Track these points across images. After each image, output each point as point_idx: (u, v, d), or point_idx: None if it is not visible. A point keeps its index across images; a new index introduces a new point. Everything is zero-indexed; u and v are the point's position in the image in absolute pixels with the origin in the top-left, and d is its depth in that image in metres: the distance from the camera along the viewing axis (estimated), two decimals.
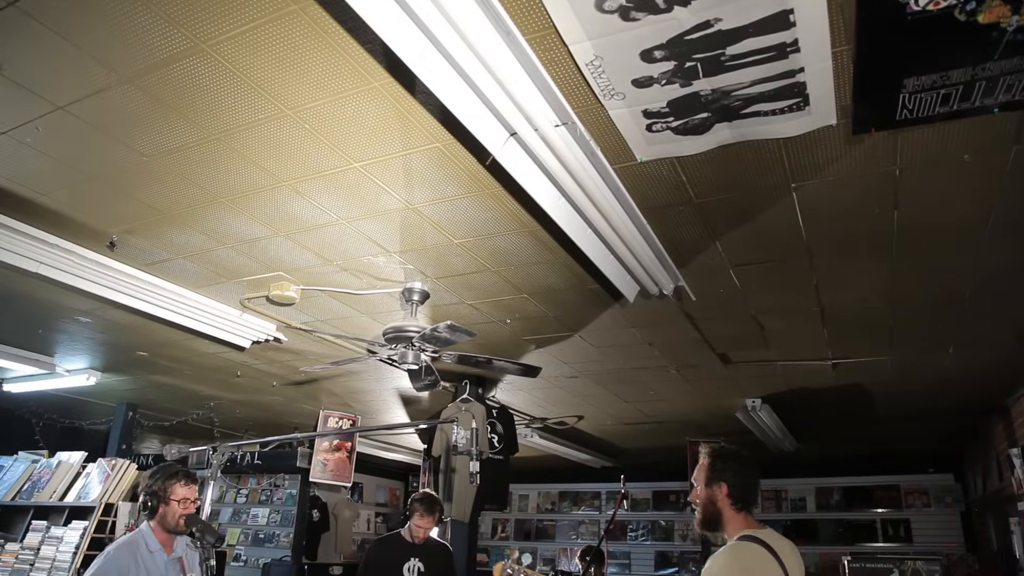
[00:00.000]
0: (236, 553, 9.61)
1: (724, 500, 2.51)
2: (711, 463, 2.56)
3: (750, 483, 2.53)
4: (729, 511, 2.51)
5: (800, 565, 2.49)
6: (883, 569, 5.29)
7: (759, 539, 2.42)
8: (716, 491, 2.52)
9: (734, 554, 2.40)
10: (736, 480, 2.50)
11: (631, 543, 10.27)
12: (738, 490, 2.50)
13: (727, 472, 2.52)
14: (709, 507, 2.54)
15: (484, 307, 4.20)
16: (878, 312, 4.12)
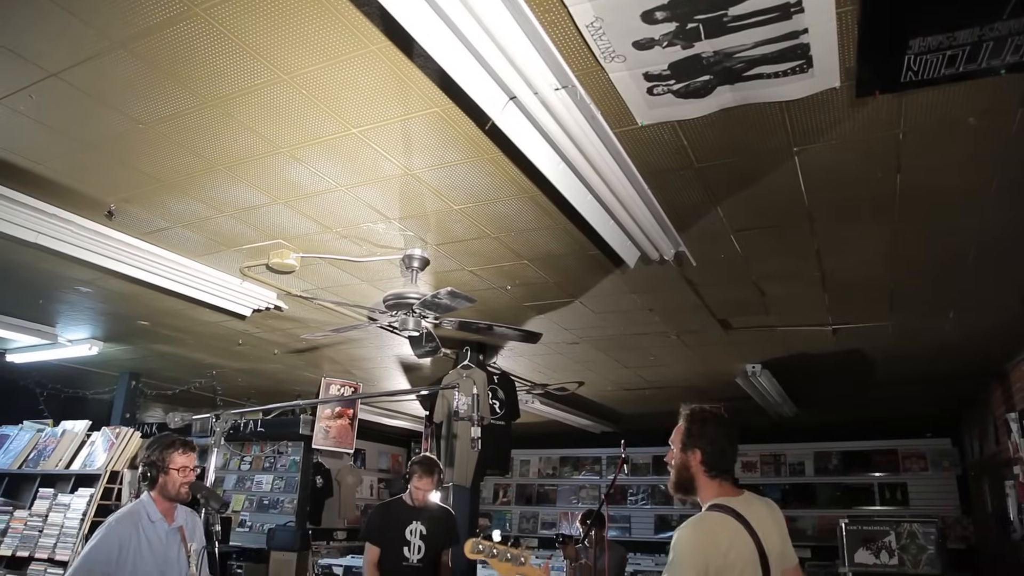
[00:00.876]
0: (241, 519, 9.75)
1: (698, 466, 2.46)
2: (687, 427, 2.51)
3: (727, 450, 2.47)
4: (703, 477, 2.46)
5: (779, 528, 2.47)
6: (880, 531, 5.37)
7: (730, 508, 2.39)
8: (691, 456, 2.48)
9: (700, 525, 2.37)
10: (711, 447, 2.45)
11: (631, 507, 10.40)
12: (712, 457, 2.45)
13: (703, 438, 2.47)
14: (683, 472, 2.50)
15: (484, 273, 4.20)
16: (879, 277, 4.12)
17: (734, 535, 2.34)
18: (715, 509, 2.40)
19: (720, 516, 2.38)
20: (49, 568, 4.35)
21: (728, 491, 2.46)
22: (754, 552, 2.35)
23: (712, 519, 2.38)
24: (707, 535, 2.33)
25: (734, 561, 2.30)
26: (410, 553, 4.59)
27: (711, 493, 2.46)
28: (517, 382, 6.48)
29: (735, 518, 2.36)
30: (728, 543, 2.31)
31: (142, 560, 3.06)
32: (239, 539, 9.06)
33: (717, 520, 2.37)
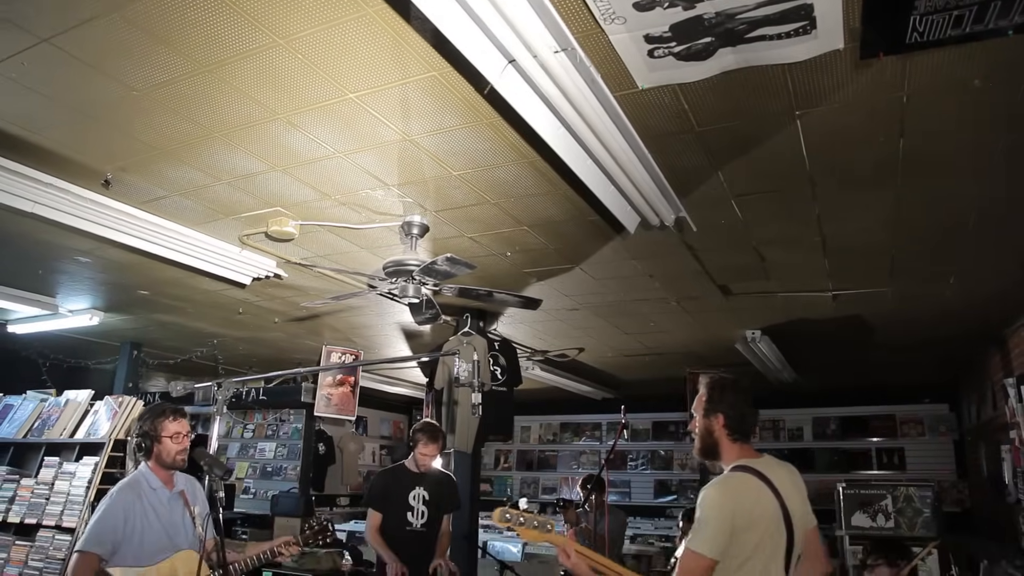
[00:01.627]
0: (245, 486, 9.86)
1: (721, 430, 2.58)
2: (709, 394, 2.63)
3: (746, 413, 2.59)
4: (726, 441, 2.58)
5: (799, 490, 2.56)
6: (877, 495, 5.42)
7: (753, 468, 2.49)
8: (713, 421, 2.59)
9: (726, 485, 2.46)
10: (732, 411, 2.57)
11: (631, 472, 10.52)
12: (734, 421, 2.57)
13: (723, 403, 2.59)
14: (707, 437, 2.61)
15: (484, 240, 4.18)
16: (880, 242, 4.11)
17: (758, 494, 2.43)
18: (738, 470, 2.50)
19: (744, 475, 2.47)
20: (57, 535, 4.40)
21: (749, 454, 2.58)
22: (778, 510, 2.44)
23: (736, 478, 2.48)
24: (732, 493, 2.41)
25: (759, 518, 2.39)
26: (413, 518, 4.65)
27: (733, 456, 2.57)
28: (518, 349, 6.50)
29: (758, 477, 2.46)
30: (753, 501, 2.40)
31: (149, 526, 3.11)
32: (243, 506, 9.18)
33: (741, 479, 2.47)
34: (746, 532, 2.37)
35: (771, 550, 2.42)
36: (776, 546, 2.43)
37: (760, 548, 2.39)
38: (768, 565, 2.41)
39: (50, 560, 4.32)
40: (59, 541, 4.36)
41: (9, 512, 4.63)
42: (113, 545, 3.01)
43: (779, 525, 2.44)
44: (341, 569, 5.45)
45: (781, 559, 2.45)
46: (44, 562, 4.33)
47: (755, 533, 2.38)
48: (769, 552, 2.41)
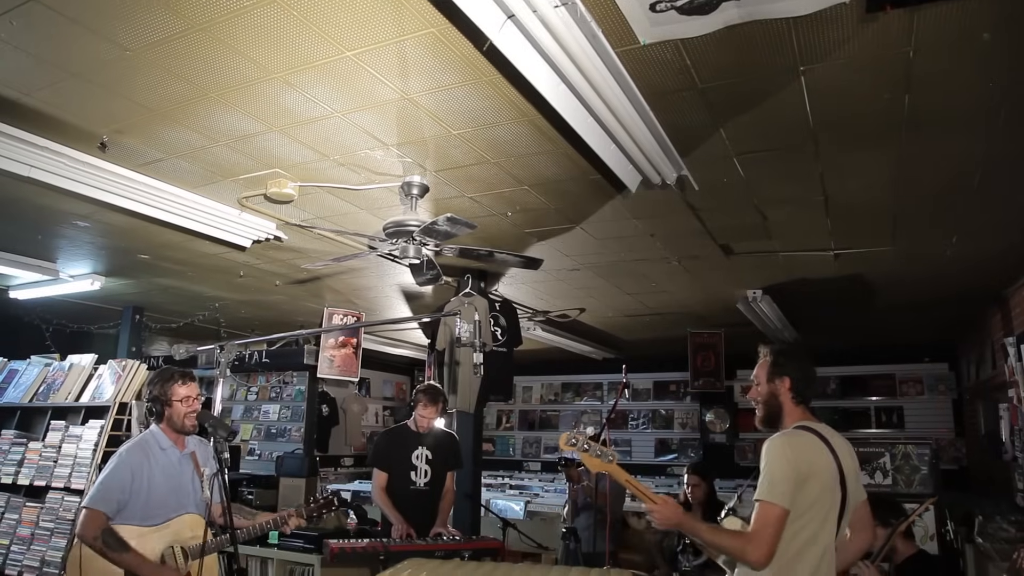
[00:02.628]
0: (250, 448, 9.97)
1: (786, 393, 2.63)
2: (774, 359, 2.68)
3: (811, 376, 2.67)
4: (789, 404, 2.63)
5: (854, 460, 2.62)
6: (875, 453, 5.47)
7: (813, 429, 2.55)
8: (779, 385, 2.64)
9: (790, 437, 2.52)
10: (798, 374, 2.63)
11: (632, 431, 10.62)
12: (800, 383, 2.63)
13: (789, 367, 2.64)
14: (771, 401, 2.66)
15: (484, 200, 4.16)
16: (882, 201, 4.08)
17: (817, 449, 2.50)
18: (800, 428, 2.56)
19: (805, 433, 2.54)
20: (66, 496, 4.46)
21: (810, 418, 2.63)
22: (836, 472, 2.50)
23: (798, 434, 2.54)
24: (795, 445, 2.48)
25: (818, 472, 2.45)
26: (417, 477, 4.72)
27: (795, 419, 2.62)
28: (519, 309, 6.51)
29: (819, 438, 2.52)
30: (814, 455, 2.47)
31: (155, 486, 3.15)
32: (249, 467, 9.28)
33: (803, 435, 2.53)
34: (807, 485, 2.42)
35: (827, 508, 2.47)
36: (832, 505, 2.49)
37: (819, 503, 2.45)
38: (823, 522, 2.46)
39: (60, 521, 4.38)
40: (68, 502, 4.42)
41: (18, 475, 4.69)
42: (119, 503, 3.06)
43: (836, 485, 2.50)
44: (346, 528, 5.53)
45: (835, 519, 2.51)
46: (55, 523, 4.40)
47: (815, 488, 2.44)
48: (826, 509, 2.47)
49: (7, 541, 4.55)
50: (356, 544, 4.24)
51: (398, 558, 3.08)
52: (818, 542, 2.45)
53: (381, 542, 4.24)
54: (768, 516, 2.38)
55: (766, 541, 2.35)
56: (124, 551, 2.98)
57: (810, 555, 2.43)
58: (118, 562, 2.98)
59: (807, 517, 2.43)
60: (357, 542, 4.30)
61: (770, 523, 2.37)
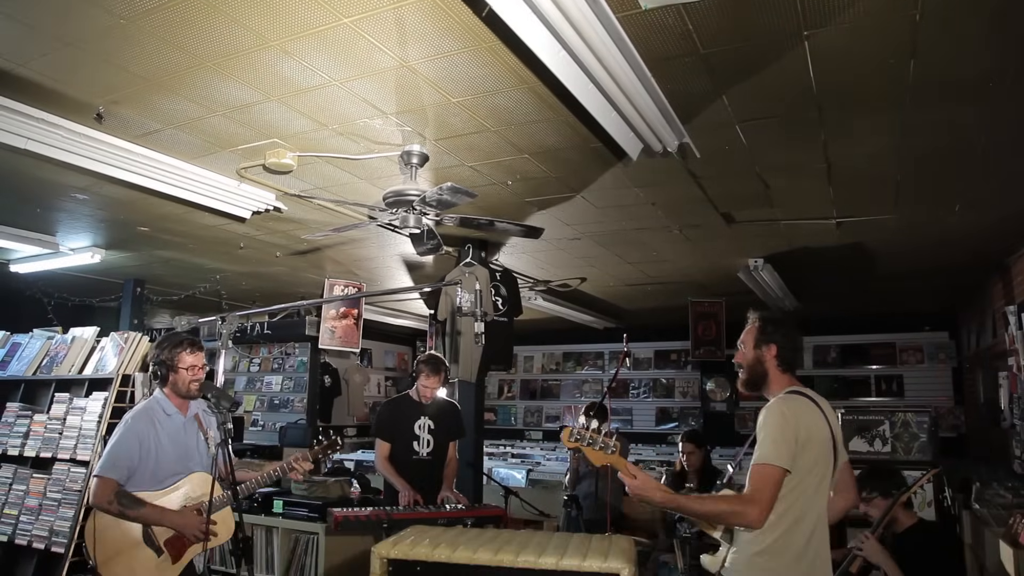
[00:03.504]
0: (254, 418, 10.04)
1: (772, 361, 2.66)
2: (761, 326, 2.70)
3: (798, 345, 2.71)
4: (775, 371, 2.66)
5: (838, 424, 2.65)
6: (875, 421, 5.50)
7: (806, 393, 2.59)
8: (765, 352, 2.67)
9: (788, 401, 2.54)
10: (785, 342, 2.65)
11: (633, 400, 10.68)
12: (786, 351, 2.66)
13: (777, 334, 2.66)
14: (756, 367, 2.68)
15: (484, 169, 4.13)
16: (885, 169, 4.05)
17: (812, 414, 2.53)
18: (793, 393, 2.59)
19: (800, 398, 2.57)
20: (72, 467, 4.50)
21: (797, 383, 2.66)
22: (828, 434, 2.54)
23: (795, 399, 2.56)
24: (794, 409, 2.50)
25: (814, 436, 2.48)
26: (419, 447, 4.75)
27: (781, 386, 2.65)
28: (519, 279, 6.51)
29: (813, 403, 2.56)
30: (810, 420, 2.50)
31: (162, 451, 3.18)
32: (252, 438, 9.36)
33: (799, 400, 2.56)
34: (805, 450, 2.44)
35: (823, 472, 2.51)
36: (826, 470, 2.53)
37: (816, 468, 2.48)
38: (819, 487, 2.50)
39: (67, 492, 4.43)
40: (75, 473, 4.46)
41: (25, 446, 4.73)
42: (129, 470, 3.10)
43: (829, 450, 2.54)
44: (350, 496, 5.58)
45: (828, 485, 2.55)
46: (62, 493, 4.44)
47: (813, 451, 2.46)
48: (821, 474, 2.50)
49: (16, 512, 4.60)
50: (360, 512, 4.28)
51: (401, 526, 3.11)
52: (815, 506, 2.48)
53: (384, 510, 4.29)
54: (769, 477, 2.39)
55: (767, 500, 2.36)
56: (141, 507, 3.04)
57: (808, 519, 2.46)
58: (137, 517, 3.03)
59: (806, 482, 2.45)
60: (361, 510, 4.35)
61: (770, 484, 2.38)
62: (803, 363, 2.87)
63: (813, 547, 2.46)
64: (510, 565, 2.50)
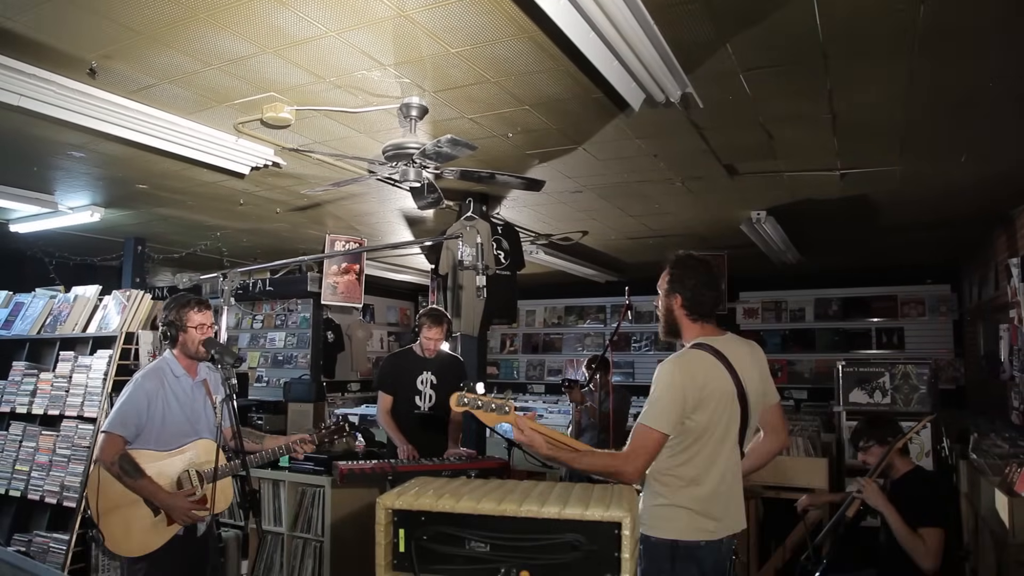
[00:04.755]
0: (258, 375, 10.13)
1: (680, 310, 2.64)
2: (670, 274, 2.67)
3: (705, 295, 2.62)
4: (685, 320, 2.64)
5: (759, 367, 2.63)
6: (875, 373, 5.54)
7: (709, 346, 2.54)
8: (672, 301, 2.65)
9: (678, 361, 2.52)
10: (689, 292, 2.60)
11: (635, 353, 10.75)
12: (690, 302, 2.61)
13: (680, 284, 2.63)
14: (668, 315, 2.68)
15: (485, 121, 4.08)
16: (891, 119, 3.99)
17: (711, 370, 2.50)
18: (696, 347, 2.56)
19: (699, 353, 2.54)
20: (80, 424, 4.56)
21: (710, 332, 2.63)
22: (731, 386, 2.51)
23: (691, 355, 2.54)
24: (685, 370, 2.48)
25: (711, 394, 2.46)
26: (421, 401, 4.79)
27: (693, 334, 2.63)
28: (521, 233, 6.49)
29: (714, 355, 2.52)
30: (704, 377, 2.47)
31: (170, 412, 3.21)
32: (257, 394, 9.46)
33: (696, 356, 2.53)
34: (697, 412, 2.45)
35: (722, 432, 2.51)
36: (730, 423, 2.52)
37: (710, 430, 2.48)
38: (717, 448, 2.50)
39: (76, 448, 4.49)
40: (83, 430, 4.52)
41: (32, 404, 4.78)
42: (136, 428, 3.13)
43: (732, 403, 2.52)
44: (355, 450, 5.66)
45: (733, 438, 2.54)
46: (71, 449, 4.51)
47: (705, 413, 2.46)
48: (719, 434, 2.50)
49: (27, 468, 4.68)
50: (364, 466, 4.34)
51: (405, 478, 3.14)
52: (717, 462, 2.50)
53: (389, 463, 4.35)
54: (646, 439, 2.43)
55: (642, 460, 2.43)
56: (140, 477, 3.06)
57: (710, 476, 2.49)
58: (134, 488, 3.07)
59: (703, 441, 2.47)
60: (365, 464, 4.41)
61: (647, 445, 2.43)
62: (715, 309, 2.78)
63: (722, 496, 2.50)
64: (513, 514, 2.53)
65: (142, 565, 3.10)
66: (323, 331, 9.62)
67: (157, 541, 3.12)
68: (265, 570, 5.48)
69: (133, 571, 3.12)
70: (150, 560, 3.10)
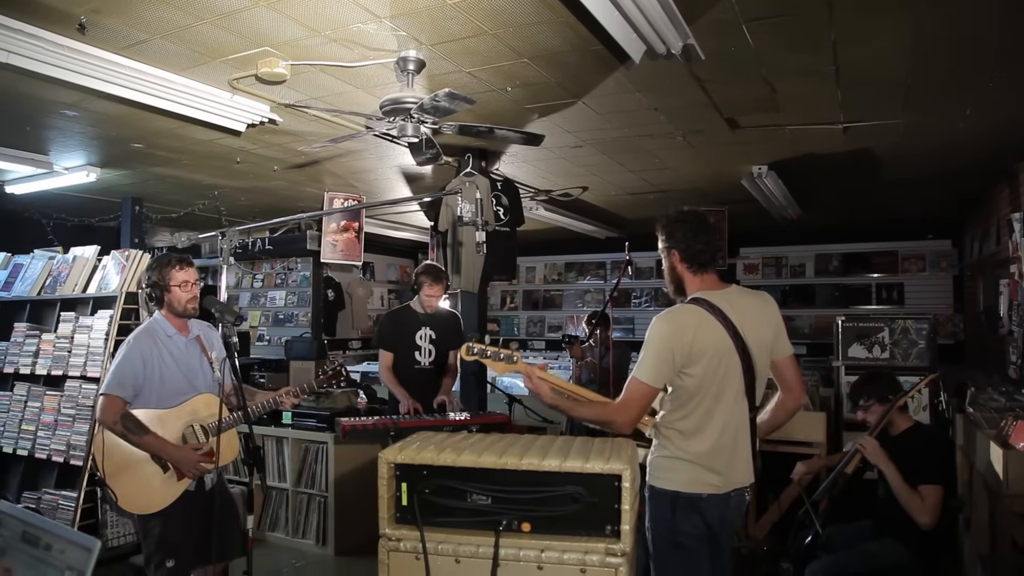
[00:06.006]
0: (259, 333, 10.17)
1: (680, 264, 2.65)
2: (663, 231, 2.68)
3: (701, 244, 2.62)
4: (688, 275, 2.65)
5: (768, 320, 2.62)
6: (874, 328, 5.55)
7: (704, 300, 2.55)
8: (672, 257, 2.67)
9: (668, 317, 2.54)
10: (684, 244, 2.62)
11: (635, 309, 10.79)
12: (688, 254, 2.62)
13: (673, 238, 2.65)
14: (672, 273, 2.70)
15: (483, 75, 4.01)
16: (896, 71, 3.92)
17: (703, 324, 2.50)
18: (691, 302, 2.57)
19: (692, 307, 2.55)
20: (84, 384, 4.59)
21: (711, 285, 2.63)
22: (727, 341, 2.50)
23: (682, 310, 2.56)
24: (674, 325, 2.50)
25: (704, 349, 2.47)
26: (421, 357, 4.83)
27: (695, 288, 2.63)
28: (520, 189, 6.45)
29: (708, 309, 2.51)
30: (694, 333, 2.47)
31: (167, 370, 3.22)
32: (259, 352, 9.50)
33: (688, 311, 2.55)
34: (689, 366, 2.47)
35: (719, 386, 2.51)
36: (727, 378, 2.52)
37: (705, 384, 2.49)
38: (715, 402, 2.51)
39: (81, 407, 4.53)
40: (86, 390, 4.55)
41: (36, 365, 4.81)
42: (134, 389, 3.14)
43: (729, 356, 2.51)
44: (357, 407, 5.71)
45: (737, 390, 2.54)
46: (76, 409, 4.55)
47: (699, 367, 2.47)
48: (716, 389, 2.51)
49: (33, 427, 4.73)
50: (366, 422, 4.39)
51: (407, 434, 3.18)
52: (715, 417, 2.51)
53: (391, 419, 4.39)
54: (637, 391, 2.49)
55: (633, 412, 2.50)
56: (145, 434, 3.08)
57: (710, 430, 2.51)
58: (139, 444, 3.09)
59: (700, 395, 2.49)
60: (367, 420, 4.46)
61: (638, 397, 2.50)
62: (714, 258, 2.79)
63: (724, 451, 2.53)
64: (514, 467, 2.56)
65: (156, 522, 3.14)
66: (323, 289, 9.63)
67: (168, 497, 3.16)
68: (271, 525, 5.59)
69: (148, 528, 3.16)
70: (163, 516, 3.14)
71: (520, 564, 2.48)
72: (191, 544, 3.19)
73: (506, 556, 2.47)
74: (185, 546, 3.17)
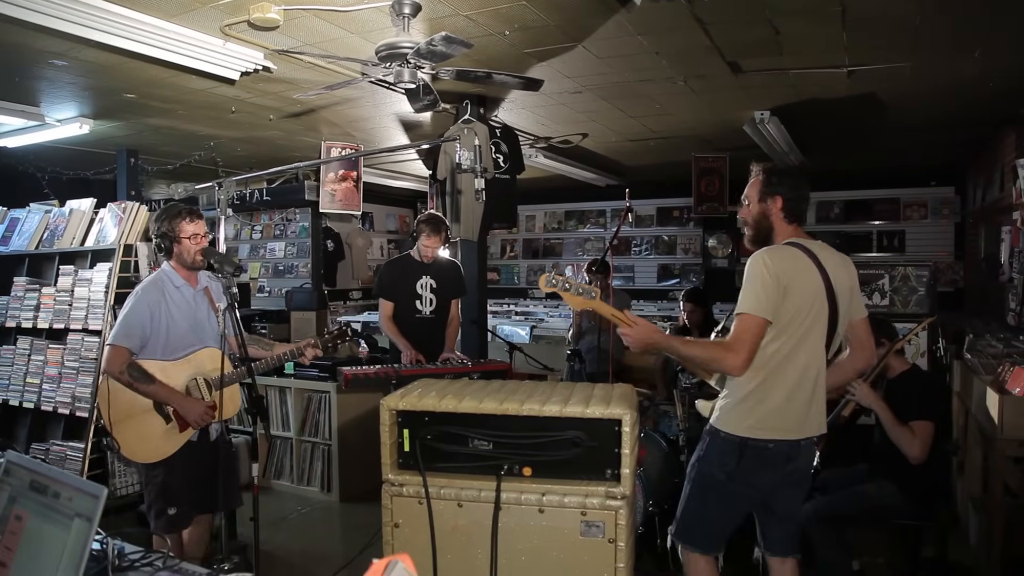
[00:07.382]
0: (260, 285, 10.19)
1: (777, 213, 2.62)
2: (766, 178, 2.64)
3: (804, 195, 2.66)
4: (780, 223, 2.63)
5: (850, 277, 2.63)
6: (874, 275, 5.54)
7: (802, 245, 2.55)
8: (770, 205, 2.62)
9: (772, 251, 2.53)
10: (791, 193, 2.61)
11: (635, 257, 10.78)
12: (792, 203, 2.62)
13: (782, 186, 2.61)
14: (762, 221, 2.65)
15: (480, 18, 3.92)
16: (904, 12, 3.82)
17: (801, 266, 2.51)
18: (789, 244, 2.58)
19: (792, 249, 2.55)
20: (86, 337, 4.60)
21: (801, 235, 2.64)
22: (821, 288, 2.52)
23: (783, 249, 2.56)
24: (776, 258, 2.49)
25: (800, 287, 2.47)
26: (422, 305, 4.84)
27: (786, 236, 2.63)
28: (520, 136, 6.37)
29: (805, 254, 2.53)
30: (795, 270, 2.48)
31: (173, 322, 3.23)
32: (260, 303, 9.55)
33: (788, 249, 2.55)
34: (787, 297, 2.44)
35: (808, 325, 2.50)
36: (815, 322, 2.52)
37: (798, 319, 2.48)
38: (803, 340, 2.49)
39: (84, 360, 4.56)
40: (89, 342, 4.57)
41: (37, 319, 4.82)
42: (141, 340, 3.15)
43: (819, 298, 2.51)
44: (358, 356, 5.75)
45: (820, 337, 2.54)
46: (79, 362, 4.57)
47: (793, 303, 2.45)
48: (806, 326, 2.50)
49: (38, 380, 4.76)
50: (368, 371, 4.42)
51: (409, 382, 3.21)
52: (796, 359, 2.49)
53: (392, 367, 4.42)
54: (748, 325, 2.42)
55: (745, 348, 2.40)
56: (151, 382, 3.10)
57: (789, 371, 2.49)
58: (146, 393, 3.12)
59: (787, 333, 2.47)
60: (369, 369, 4.49)
61: (749, 332, 2.42)
62: (805, 215, 2.86)
63: (802, 394, 2.51)
64: (515, 413, 2.59)
65: (159, 471, 3.19)
66: (323, 240, 9.61)
67: (171, 447, 3.20)
68: (276, 473, 5.69)
69: (150, 477, 3.21)
70: (166, 465, 3.19)
71: (521, 508, 2.52)
72: (192, 493, 3.24)
73: (508, 500, 2.52)
74: (186, 495, 3.22)
